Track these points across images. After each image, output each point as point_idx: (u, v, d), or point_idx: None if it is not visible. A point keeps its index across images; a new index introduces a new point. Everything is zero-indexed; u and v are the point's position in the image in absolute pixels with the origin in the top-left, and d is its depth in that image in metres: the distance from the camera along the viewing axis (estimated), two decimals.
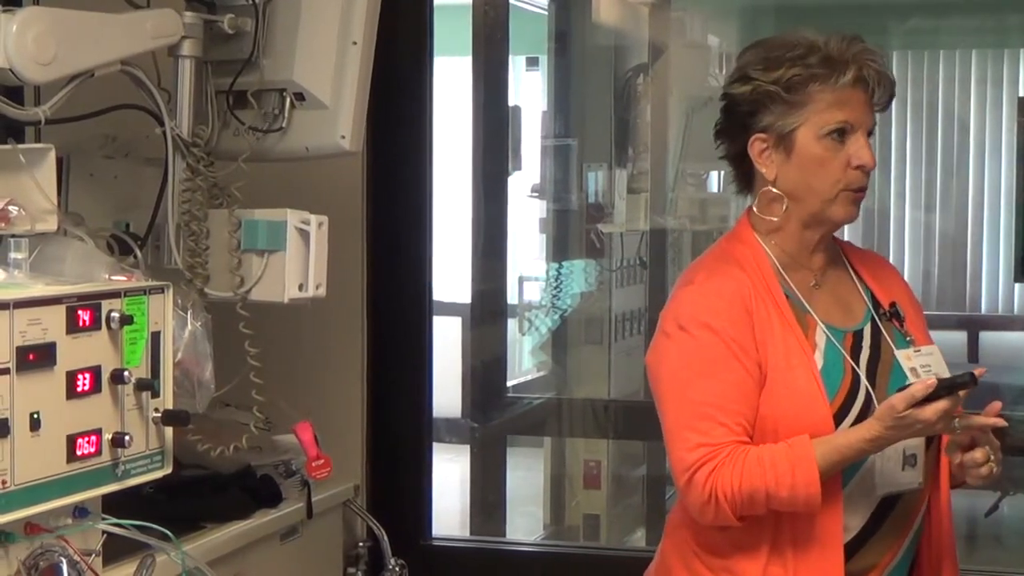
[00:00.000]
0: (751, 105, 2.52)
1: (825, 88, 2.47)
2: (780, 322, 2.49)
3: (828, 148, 2.48)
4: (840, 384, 2.48)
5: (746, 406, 2.44)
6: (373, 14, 2.98)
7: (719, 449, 2.41)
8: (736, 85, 2.55)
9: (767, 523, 2.45)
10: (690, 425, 2.44)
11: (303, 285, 2.89)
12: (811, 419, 2.43)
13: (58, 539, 2.31)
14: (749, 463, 2.39)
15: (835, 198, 2.50)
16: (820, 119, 2.48)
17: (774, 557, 2.46)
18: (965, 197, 7.13)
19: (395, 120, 3.68)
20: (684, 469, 2.43)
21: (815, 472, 2.37)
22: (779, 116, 2.49)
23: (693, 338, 2.47)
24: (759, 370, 2.45)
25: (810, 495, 2.38)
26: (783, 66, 2.49)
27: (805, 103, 2.48)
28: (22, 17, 2.45)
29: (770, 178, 2.53)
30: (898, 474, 2.50)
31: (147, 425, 2.40)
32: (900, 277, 2.76)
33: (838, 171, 2.49)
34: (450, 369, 5.28)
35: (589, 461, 5.41)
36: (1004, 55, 7.06)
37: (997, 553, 5.28)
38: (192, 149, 2.89)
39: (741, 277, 2.51)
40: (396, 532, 3.56)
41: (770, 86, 2.49)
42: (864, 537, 2.50)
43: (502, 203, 5.23)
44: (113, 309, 2.32)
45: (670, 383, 2.51)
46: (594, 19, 5.92)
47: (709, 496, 2.40)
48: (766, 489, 2.38)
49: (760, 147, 2.52)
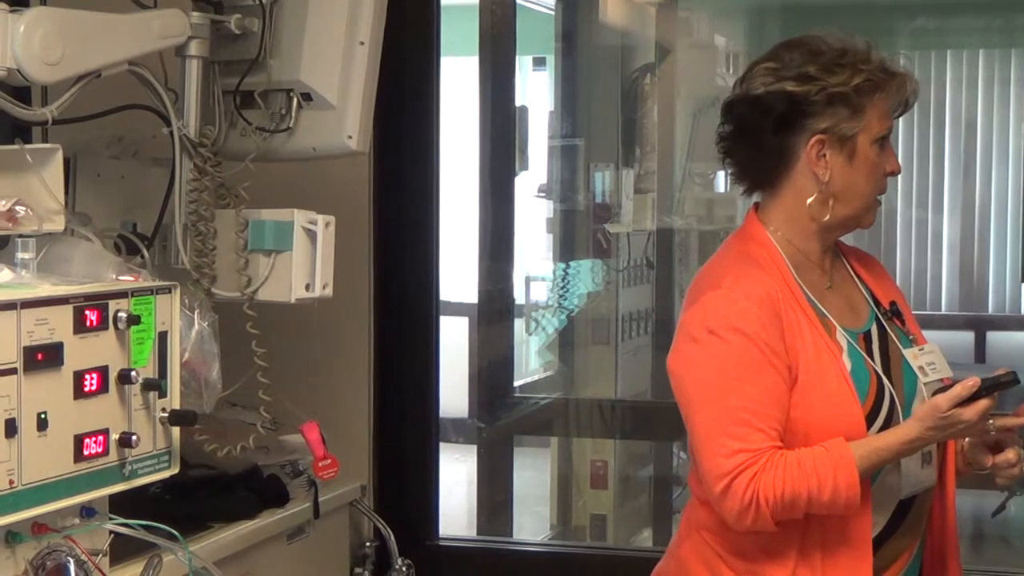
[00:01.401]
0: (813, 106, 2.49)
1: (883, 97, 2.51)
2: (808, 324, 2.49)
3: (878, 155, 2.52)
4: (868, 386, 2.49)
5: (780, 411, 2.43)
6: (380, 14, 2.98)
7: (759, 455, 2.39)
8: (793, 83, 2.50)
9: (796, 526, 2.44)
10: (727, 431, 2.42)
11: (310, 285, 2.89)
12: (844, 422, 2.43)
13: (65, 539, 2.31)
14: (790, 467, 2.38)
15: (872, 203, 2.55)
16: (876, 126, 2.51)
17: (802, 560, 2.46)
18: (973, 197, 7.12)
19: (402, 120, 3.68)
20: (722, 475, 2.40)
21: (855, 475, 2.37)
22: (843, 119, 2.48)
23: (725, 343, 2.45)
24: (790, 374, 2.44)
25: (851, 497, 2.38)
26: (849, 70, 2.48)
27: (867, 109, 2.49)
28: (29, 17, 2.45)
29: (824, 179, 2.51)
30: (919, 472, 2.51)
31: (154, 425, 2.41)
32: (889, 275, 2.78)
33: (881, 178, 2.55)
34: (457, 369, 5.27)
35: (596, 461, 5.41)
36: (1012, 55, 7.05)
37: (1004, 553, 5.28)
38: (199, 149, 2.89)
39: (766, 280, 2.50)
40: (403, 532, 3.56)
41: (840, 87, 2.48)
42: (885, 536, 2.51)
43: (509, 203, 5.23)
44: (120, 309, 2.33)
45: (702, 389, 2.48)
46: (601, 19, 5.92)
47: (750, 502, 2.38)
48: (808, 493, 2.38)
49: (820, 148, 2.50)
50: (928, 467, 2.53)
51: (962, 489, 2.64)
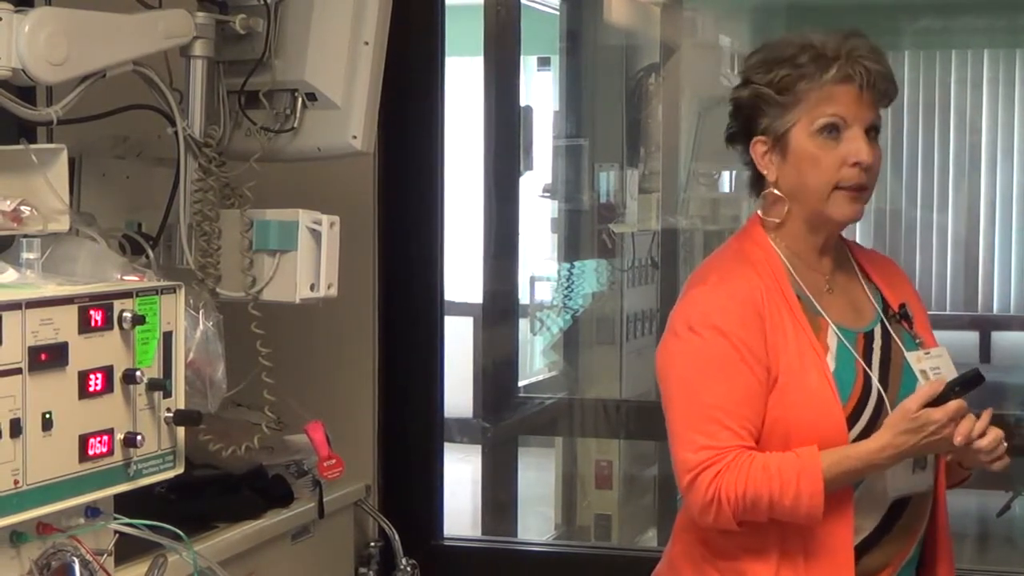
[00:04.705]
0: (751, 109, 2.54)
1: (813, 85, 2.47)
2: (792, 324, 2.48)
3: (821, 146, 2.47)
4: (852, 386, 2.48)
5: (752, 411, 2.43)
6: (385, 14, 2.99)
7: (724, 453, 2.40)
8: (738, 89, 2.57)
9: (774, 528, 2.44)
10: (695, 427, 2.44)
11: (315, 285, 2.89)
12: (824, 421, 2.43)
13: (70, 539, 2.31)
14: (755, 469, 2.38)
15: (829, 197, 2.48)
16: (810, 116, 2.47)
17: (785, 561, 2.46)
18: (977, 197, 7.11)
19: (407, 120, 3.68)
20: (687, 470, 2.42)
21: (820, 483, 2.36)
22: (774, 118, 2.50)
23: (702, 339, 2.47)
24: (767, 374, 2.44)
25: (813, 506, 2.37)
26: (775, 68, 2.50)
27: (797, 102, 2.48)
28: (34, 17, 2.45)
29: (771, 180, 2.54)
30: (909, 477, 2.50)
31: (159, 425, 2.41)
32: (907, 279, 2.76)
33: (831, 169, 2.47)
34: (461, 369, 5.28)
35: (600, 461, 5.41)
36: (1016, 55, 7.04)
37: (1009, 553, 5.26)
38: (204, 149, 2.90)
39: (754, 279, 2.50)
40: (407, 532, 3.57)
41: (764, 88, 2.51)
42: (876, 538, 2.50)
43: (514, 203, 5.23)
44: (125, 309, 2.33)
45: (677, 384, 2.50)
46: (606, 19, 5.92)
47: (712, 499, 2.40)
48: (770, 496, 2.38)
49: (761, 149, 2.54)
50: (921, 472, 2.51)
51: (967, 489, 2.63)
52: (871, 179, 2.49)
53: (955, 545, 2.68)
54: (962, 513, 2.65)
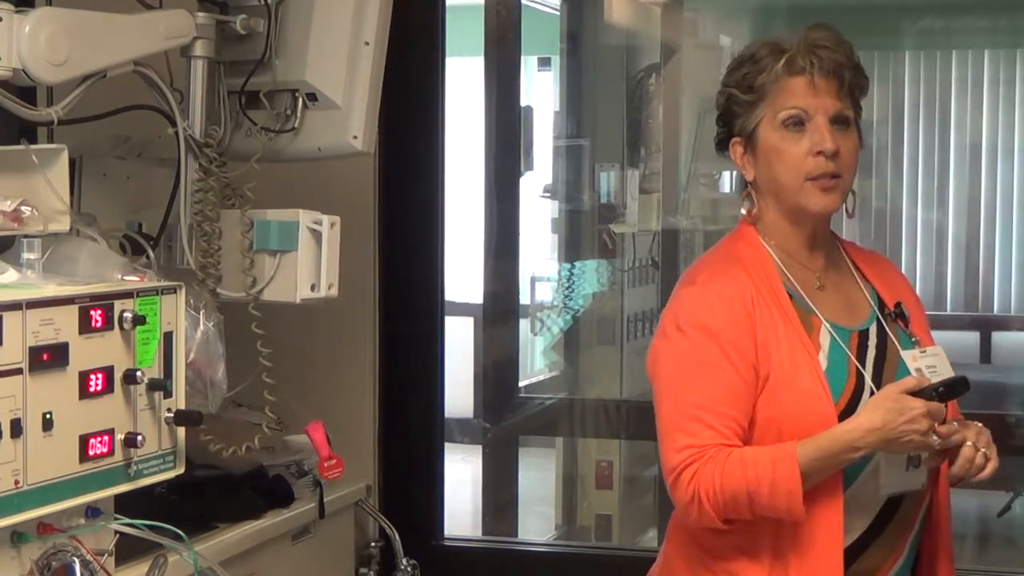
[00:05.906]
0: (727, 112, 2.59)
1: (769, 79, 2.50)
2: (784, 323, 2.48)
3: (785, 139, 2.50)
4: (844, 385, 2.47)
5: (737, 410, 2.43)
6: (385, 15, 2.99)
7: (704, 451, 2.40)
8: (718, 95, 2.61)
9: (766, 527, 2.43)
10: (679, 426, 2.44)
11: (315, 285, 2.90)
12: (815, 420, 2.42)
13: (71, 539, 2.32)
14: (731, 463, 2.38)
15: (801, 189, 2.50)
16: (772, 110, 2.51)
17: (777, 561, 2.45)
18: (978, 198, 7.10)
19: (407, 120, 3.68)
20: (671, 469, 2.44)
21: (795, 469, 2.35)
22: (744, 117, 2.55)
23: (689, 339, 2.47)
24: (755, 374, 2.44)
25: (791, 493, 2.35)
26: (741, 67, 2.55)
27: (760, 99, 2.52)
28: (35, 18, 2.46)
29: (750, 179, 2.58)
30: (902, 474, 2.49)
31: (159, 425, 2.41)
32: (904, 277, 2.77)
33: (797, 161, 2.49)
34: (462, 369, 5.28)
35: (601, 461, 5.41)
36: (1017, 55, 7.04)
37: (1009, 553, 5.27)
38: (204, 150, 2.90)
39: (744, 279, 2.51)
40: (408, 532, 3.57)
41: (733, 89, 2.55)
42: (869, 538, 2.50)
43: (514, 203, 5.23)
44: (126, 309, 2.33)
45: (664, 383, 2.51)
46: (606, 19, 5.91)
47: (692, 496, 2.40)
48: (747, 488, 2.37)
49: (739, 151, 2.58)
50: (915, 470, 2.50)
51: (967, 489, 2.63)
52: (842, 167, 2.49)
53: (955, 545, 2.67)
54: (962, 513, 2.64)
